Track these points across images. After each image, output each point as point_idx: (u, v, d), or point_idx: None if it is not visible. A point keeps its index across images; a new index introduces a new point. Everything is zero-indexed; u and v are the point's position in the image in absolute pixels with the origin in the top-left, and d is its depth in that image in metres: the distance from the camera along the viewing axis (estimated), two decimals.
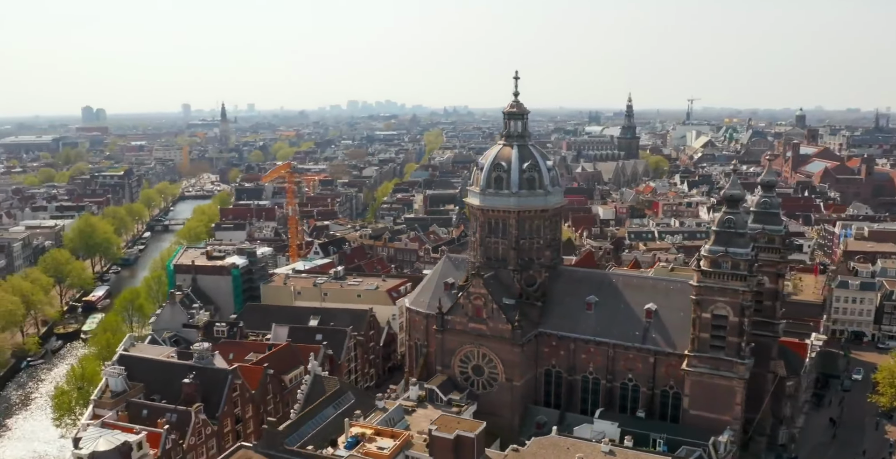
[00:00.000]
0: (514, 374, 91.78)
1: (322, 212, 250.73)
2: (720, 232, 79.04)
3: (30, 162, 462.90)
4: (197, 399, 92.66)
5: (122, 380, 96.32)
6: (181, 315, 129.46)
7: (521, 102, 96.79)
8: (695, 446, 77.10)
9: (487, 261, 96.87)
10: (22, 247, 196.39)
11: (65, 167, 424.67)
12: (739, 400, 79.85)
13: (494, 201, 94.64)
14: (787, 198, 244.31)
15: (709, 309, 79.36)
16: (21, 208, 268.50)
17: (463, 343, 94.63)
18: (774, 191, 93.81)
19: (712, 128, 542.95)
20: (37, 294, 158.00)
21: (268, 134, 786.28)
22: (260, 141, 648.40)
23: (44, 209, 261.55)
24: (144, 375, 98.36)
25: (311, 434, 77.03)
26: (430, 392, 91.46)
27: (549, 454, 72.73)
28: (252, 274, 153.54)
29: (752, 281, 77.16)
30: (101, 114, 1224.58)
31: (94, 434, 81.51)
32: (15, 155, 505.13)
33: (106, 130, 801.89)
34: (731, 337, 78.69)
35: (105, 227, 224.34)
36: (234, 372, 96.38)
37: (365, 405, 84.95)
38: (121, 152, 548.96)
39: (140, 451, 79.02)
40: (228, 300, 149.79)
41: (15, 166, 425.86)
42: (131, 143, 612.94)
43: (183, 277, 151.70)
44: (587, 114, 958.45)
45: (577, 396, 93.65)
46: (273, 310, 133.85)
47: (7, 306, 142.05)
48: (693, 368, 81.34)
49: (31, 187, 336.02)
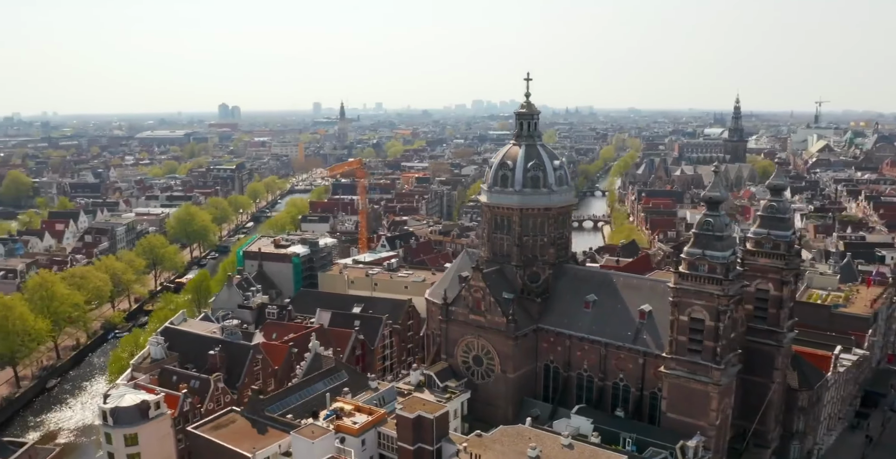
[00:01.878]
0: (508, 366, 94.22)
1: (404, 208, 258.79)
2: (699, 234, 78.12)
3: (159, 154, 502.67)
4: (221, 370, 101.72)
5: (162, 349, 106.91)
6: (237, 296, 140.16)
7: (531, 103, 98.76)
8: (664, 449, 77.19)
9: (493, 257, 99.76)
10: (125, 232, 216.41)
11: (188, 160, 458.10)
12: (715, 407, 78.42)
13: (499, 198, 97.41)
14: (888, 206, 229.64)
15: (686, 312, 78.66)
16: (139, 197, 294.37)
17: (464, 333, 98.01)
18: (783, 194, 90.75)
19: (838, 133, 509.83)
20: (127, 273, 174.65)
21: (386, 132, 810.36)
22: (374, 139, 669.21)
23: (156, 198, 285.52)
24: (182, 346, 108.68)
25: (296, 405, 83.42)
26: (428, 378, 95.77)
27: (510, 441, 75.11)
28: (313, 263, 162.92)
29: (728, 285, 75.65)
30: (236, 112, 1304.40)
31: (121, 393, 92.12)
32: (147, 148, 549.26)
33: (236, 126, 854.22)
34: (708, 341, 77.62)
35: (204, 217, 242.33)
36: (256, 347, 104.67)
37: (358, 384, 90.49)
38: (243, 147, 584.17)
39: (157, 410, 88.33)
40: (289, 285, 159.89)
41: (144, 158, 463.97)
42: (255, 139, 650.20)
43: (251, 263, 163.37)
44: (713, 116, 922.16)
45: (572, 392, 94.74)
46: (323, 296, 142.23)
47: (95, 283, 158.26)
48: (671, 371, 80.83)
49: (154, 178, 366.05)
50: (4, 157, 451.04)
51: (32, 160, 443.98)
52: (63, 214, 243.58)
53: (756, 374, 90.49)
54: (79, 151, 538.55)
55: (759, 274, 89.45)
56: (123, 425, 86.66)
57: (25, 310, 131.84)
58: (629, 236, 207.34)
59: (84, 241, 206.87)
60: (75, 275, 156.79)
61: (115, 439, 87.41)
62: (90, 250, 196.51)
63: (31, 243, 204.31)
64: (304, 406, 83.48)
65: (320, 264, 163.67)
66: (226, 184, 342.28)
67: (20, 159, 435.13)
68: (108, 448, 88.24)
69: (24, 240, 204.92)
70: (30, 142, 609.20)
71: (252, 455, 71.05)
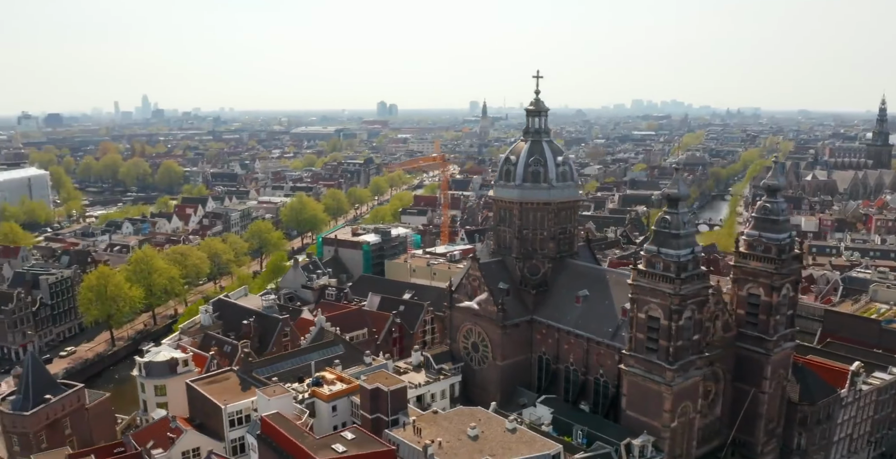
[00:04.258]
0: (498, 354, 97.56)
1: None
2: (657, 231, 77.74)
3: (305, 149, 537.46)
4: (253, 338, 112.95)
5: (209, 317, 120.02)
6: (301, 277, 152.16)
7: (540, 100, 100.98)
8: (611, 444, 77.90)
9: (498, 248, 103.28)
10: (240, 217, 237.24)
11: (328, 154, 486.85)
12: (669, 407, 77.42)
13: (502, 192, 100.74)
14: None
15: (644, 310, 78.48)
16: (267, 186, 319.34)
17: (465, 320, 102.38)
18: (779, 195, 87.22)
19: None
20: (227, 254, 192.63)
21: None
22: (511, 138, 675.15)
23: (281, 188, 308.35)
24: (227, 316, 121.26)
25: (285, 370, 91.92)
26: (427, 360, 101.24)
27: (459, 420, 78.96)
28: (383, 251, 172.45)
29: (681, 284, 74.66)
30: (394, 109, 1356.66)
31: (159, 350, 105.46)
32: (297, 142, 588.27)
33: (386, 124, 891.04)
34: (662, 340, 77.01)
35: (315, 207, 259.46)
36: (285, 320, 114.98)
37: (352, 359, 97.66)
38: (386, 144, 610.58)
39: (185, 367, 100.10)
40: (359, 270, 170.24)
41: (290, 152, 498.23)
42: (398, 136, 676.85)
43: (328, 248, 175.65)
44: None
45: (560, 384, 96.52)
46: (380, 282, 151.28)
47: (194, 260, 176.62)
48: (630, 368, 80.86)
49: (291, 170, 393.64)
50: (169, 148, 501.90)
51: (192, 151, 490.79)
52: (194, 200, 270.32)
53: (745, 382, 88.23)
54: (237, 144, 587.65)
55: (751, 277, 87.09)
56: (154, 377, 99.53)
57: (122, 280, 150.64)
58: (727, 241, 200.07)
59: (202, 224, 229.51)
60: (176, 252, 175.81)
61: (147, 389, 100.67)
62: (204, 232, 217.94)
63: (158, 224, 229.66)
64: (292, 372, 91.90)
65: (390, 252, 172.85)
66: (351, 178, 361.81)
67: (181, 150, 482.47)
68: (143, 396, 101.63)
69: (153, 222, 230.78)
70: (197, 135, 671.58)
71: (223, 406, 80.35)
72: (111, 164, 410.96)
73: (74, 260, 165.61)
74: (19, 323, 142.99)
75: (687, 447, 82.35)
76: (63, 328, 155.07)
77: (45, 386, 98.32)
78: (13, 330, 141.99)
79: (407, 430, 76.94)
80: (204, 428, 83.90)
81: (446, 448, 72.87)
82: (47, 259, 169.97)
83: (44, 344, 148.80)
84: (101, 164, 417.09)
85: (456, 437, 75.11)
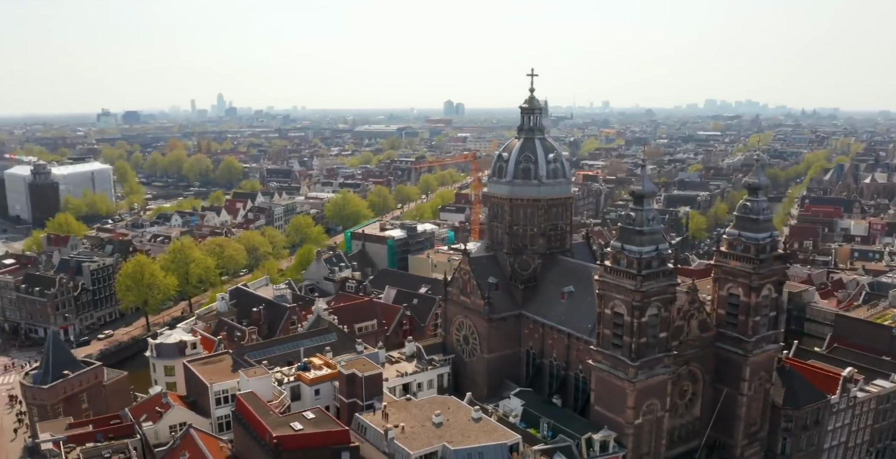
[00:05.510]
0: (484, 347, 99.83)
1: None
2: (622, 227, 78.64)
3: (365, 147, 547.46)
4: (262, 324, 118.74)
5: (225, 304, 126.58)
6: (324, 269, 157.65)
7: (534, 98, 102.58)
8: (573, 438, 79.30)
9: (492, 243, 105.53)
10: (284, 212, 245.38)
11: (385, 152, 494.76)
12: (632, 404, 77.98)
13: (494, 188, 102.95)
14: None
15: (609, 306, 79.50)
16: (321, 183, 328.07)
17: (456, 313, 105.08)
18: (760, 194, 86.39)
19: None
20: (264, 246, 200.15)
21: (593, 131, 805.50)
22: (572, 137, 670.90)
23: (330, 184, 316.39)
24: (243, 303, 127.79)
25: (276, 355, 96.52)
26: (418, 350, 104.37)
27: (429, 408, 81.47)
28: (408, 246, 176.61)
29: (642, 281, 75.25)
30: (460, 108, 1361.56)
31: (170, 333, 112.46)
32: (358, 140, 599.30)
33: (449, 122, 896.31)
34: (626, 336, 77.79)
35: (360, 203, 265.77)
36: (292, 309, 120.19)
37: (345, 347, 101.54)
38: (444, 142, 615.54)
39: (193, 349, 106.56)
40: (384, 264, 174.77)
41: (348, 150, 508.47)
42: (458, 135, 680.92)
43: (356, 243, 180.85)
44: None
45: (545, 379, 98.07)
46: (399, 276, 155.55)
47: (230, 252, 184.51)
48: (597, 363, 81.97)
49: (346, 167, 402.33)
50: (235, 145, 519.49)
51: (255, 148, 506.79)
52: (244, 195, 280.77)
53: (725, 383, 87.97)
54: (301, 142, 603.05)
55: (730, 277, 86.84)
56: (164, 358, 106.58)
57: (157, 268, 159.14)
58: None
59: (246, 218, 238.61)
60: (214, 244, 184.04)
61: (157, 368, 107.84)
62: (248, 226, 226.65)
63: (207, 217, 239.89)
64: (283, 357, 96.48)
65: (415, 248, 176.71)
66: (402, 175, 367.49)
67: (245, 147, 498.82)
68: (154, 376, 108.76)
69: (201, 215, 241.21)
70: (264, 133, 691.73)
71: (209, 385, 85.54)
72: (176, 160, 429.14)
73: (117, 249, 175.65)
74: (61, 307, 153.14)
75: (655, 446, 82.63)
76: (103, 312, 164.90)
77: (65, 363, 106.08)
78: (55, 313, 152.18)
79: (377, 415, 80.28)
80: (196, 406, 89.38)
81: (408, 433, 75.82)
82: (94, 248, 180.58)
83: (84, 327, 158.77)
84: (166, 160, 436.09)
85: (420, 423, 77.93)
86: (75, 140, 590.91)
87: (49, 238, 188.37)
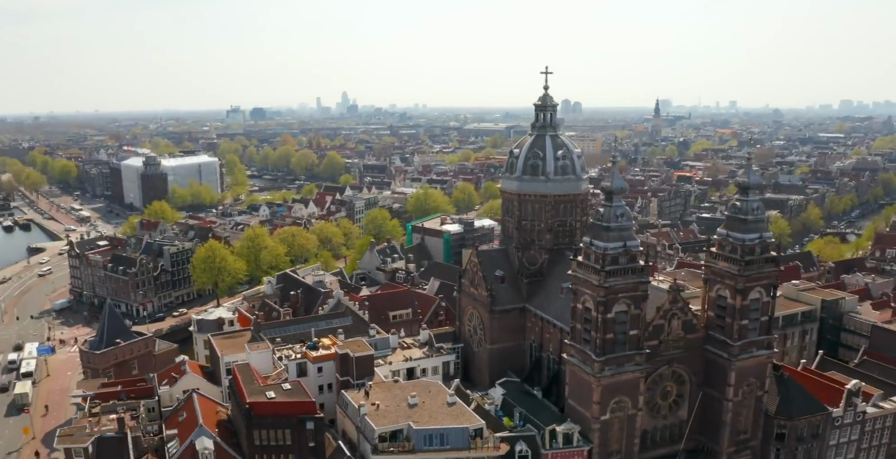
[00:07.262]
0: (487, 338, 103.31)
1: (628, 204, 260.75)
2: (591, 224, 79.83)
3: (468, 144, 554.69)
4: (298, 307, 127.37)
5: (271, 287, 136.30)
6: (376, 260, 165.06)
7: (548, 95, 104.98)
8: (539, 428, 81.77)
9: (504, 238, 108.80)
10: (365, 206, 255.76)
11: (486, 150, 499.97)
12: (597, 399, 78.77)
13: (506, 184, 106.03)
14: None
15: (581, 300, 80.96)
16: (411, 179, 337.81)
17: (467, 304, 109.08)
18: (751, 194, 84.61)
19: None
20: (337, 237, 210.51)
21: (709, 131, 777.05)
22: (682, 137, 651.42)
23: (419, 180, 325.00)
24: (287, 287, 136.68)
25: (291, 334, 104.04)
26: (430, 338, 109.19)
27: (411, 390, 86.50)
28: (464, 240, 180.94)
29: (605, 277, 76.13)
30: (577, 107, 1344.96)
31: (213, 310, 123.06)
32: (463, 138, 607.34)
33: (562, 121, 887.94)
34: (593, 331, 79.22)
35: (441, 199, 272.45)
36: (327, 293, 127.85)
37: (359, 330, 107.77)
38: None
39: (231, 326, 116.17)
40: (441, 257, 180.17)
41: (450, 147, 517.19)
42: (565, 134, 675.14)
43: (416, 236, 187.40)
44: None
45: (543, 371, 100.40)
46: (445, 268, 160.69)
47: (301, 241, 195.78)
48: (570, 357, 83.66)
49: (446, 164, 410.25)
50: (344, 141, 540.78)
51: (363, 144, 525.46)
52: (334, 188, 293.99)
53: (713, 387, 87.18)
54: (409, 139, 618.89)
55: (718, 279, 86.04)
56: (204, 332, 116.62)
57: (228, 254, 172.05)
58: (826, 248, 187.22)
59: (329, 210, 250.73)
60: (286, 233, 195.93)
61: (198, 342, 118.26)
62: (328, 217, 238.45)
63: (294, 208, 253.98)
64: (296, 336, 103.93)
65: (471, 242, 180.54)
66: (493, 173, 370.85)
67: (354, 143, 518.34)
68: (196, 349, 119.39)
69: (289, 206, 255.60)
70: (377, 130, 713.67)
71: (220, 356, 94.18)
72: (284, 155, 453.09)
73: (198, 234, 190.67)
74: (141, 285, 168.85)
75: (627, 444, 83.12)
76: (181, 292, 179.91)
77: (119, 333, 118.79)
78: (136, 291, 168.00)
79: (360, 393, 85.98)
80: (213, 376, 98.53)
81: (381, 411, 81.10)
82: (180, 233, 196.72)
83: (162, 305, 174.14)
84: (276, 154, 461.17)
85: (396, 403, 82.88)
86: (200, 134, 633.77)
87: (142, 223, 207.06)
